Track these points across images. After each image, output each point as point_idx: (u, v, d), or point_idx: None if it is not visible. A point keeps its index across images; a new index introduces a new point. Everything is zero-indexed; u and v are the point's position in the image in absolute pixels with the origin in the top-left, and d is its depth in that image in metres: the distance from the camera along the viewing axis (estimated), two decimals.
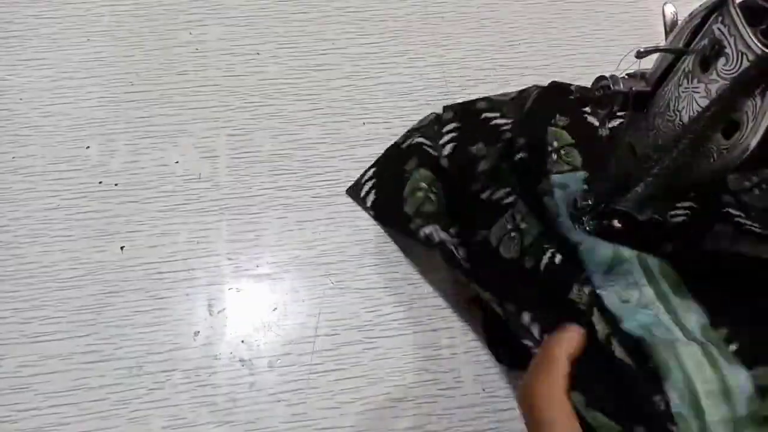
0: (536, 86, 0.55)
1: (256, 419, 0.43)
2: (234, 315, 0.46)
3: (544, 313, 0.42)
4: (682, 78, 0.33)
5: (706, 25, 0.31)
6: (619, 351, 0.40)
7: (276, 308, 0.47)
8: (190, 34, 0.58)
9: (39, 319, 0.45)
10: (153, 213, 0.50)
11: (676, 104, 0.34)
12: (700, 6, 0.31)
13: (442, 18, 0.61)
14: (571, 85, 0.54)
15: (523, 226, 0.46)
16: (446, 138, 0.53)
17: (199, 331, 0.46)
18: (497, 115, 0.54)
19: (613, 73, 0.36)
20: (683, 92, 0.33)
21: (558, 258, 0.44)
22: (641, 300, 0.42)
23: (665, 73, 0.35)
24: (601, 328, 0.41)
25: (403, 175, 0.51)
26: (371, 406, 0.44)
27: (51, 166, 0.51)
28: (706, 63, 0.31)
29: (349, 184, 0.52)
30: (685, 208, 0.47)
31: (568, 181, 0.50)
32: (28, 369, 0.44)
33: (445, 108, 0.55)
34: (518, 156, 0.49)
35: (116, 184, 0.51)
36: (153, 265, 0.48)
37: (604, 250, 0.44)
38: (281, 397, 0.44)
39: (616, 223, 0.43)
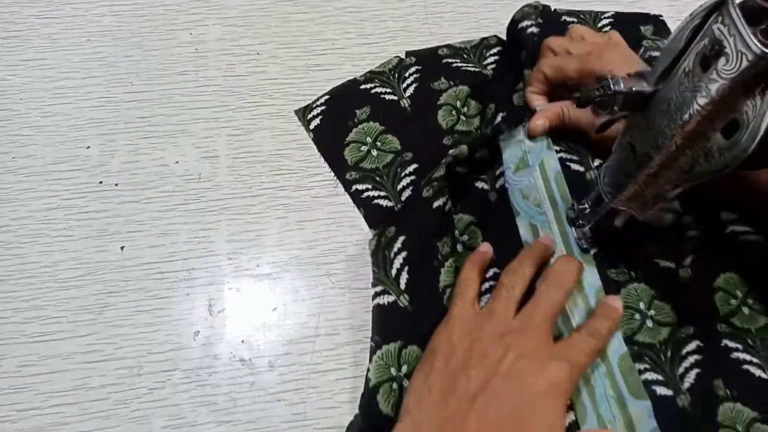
0: (496, 36, 0.60)
1: (256, 419, 0.43)
2: (234, 315, 0.46)
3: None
4: (682, 77, 0.33)
5: (707, 25, 0.31)
6: None
7: (276, 308, 0.47)
8: (191, 34, 0.59)
9: (39, 318, 0.45)
10: (153, 213, 0.50)
11: (676, 104, 0.34)
12: (701, 6, 0.31)
13: (441, 18, 0.61)
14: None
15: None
16: (409, 80, 0.57)
17: (199, 331, 0.46)
18: (458, 60, 0.58)
19: (614, 73, 0.36)
20: (683, 92, 0.33)
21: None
22: (536, 199, 0.48)
23: (665, 73, 0.35)
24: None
25: (354, 119, 0.54)
26: None
27: (51, 166, 0.51)
28: (706, 63, 0.31)
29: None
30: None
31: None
32: (28, 369, 0.44)
33: (407, 53, 0.58)
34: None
35: (116, 184, 0.51)
36: (153, 265, 0.48)
37: (515, 150, 0.49)
38: (281, 396, 0.44)
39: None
